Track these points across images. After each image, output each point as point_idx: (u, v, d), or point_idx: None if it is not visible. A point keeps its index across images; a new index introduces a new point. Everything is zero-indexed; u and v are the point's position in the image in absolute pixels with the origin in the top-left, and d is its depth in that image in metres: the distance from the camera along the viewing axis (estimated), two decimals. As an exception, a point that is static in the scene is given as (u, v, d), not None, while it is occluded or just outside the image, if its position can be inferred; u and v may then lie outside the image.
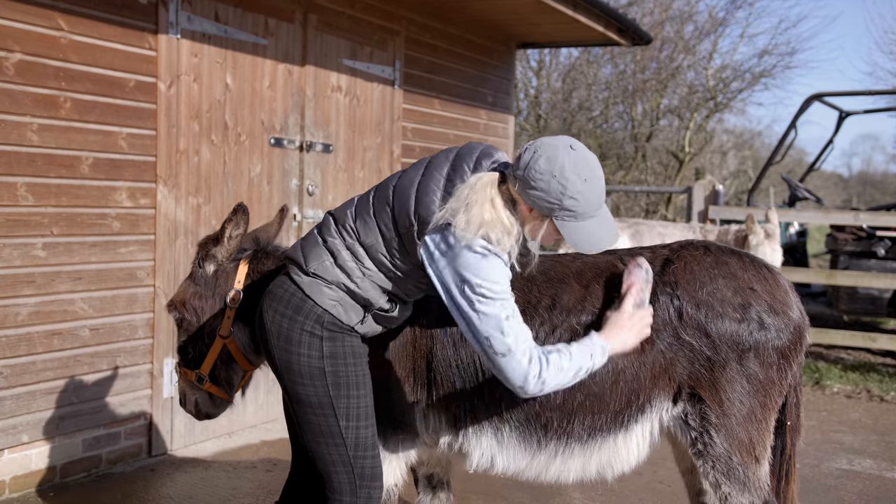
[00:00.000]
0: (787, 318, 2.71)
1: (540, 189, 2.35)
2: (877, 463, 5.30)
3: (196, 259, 3.06)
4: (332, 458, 2.57)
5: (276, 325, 2.57)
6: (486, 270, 2.37)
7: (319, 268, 2.55)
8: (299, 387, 2.56)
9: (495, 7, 6.76)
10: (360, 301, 2.56)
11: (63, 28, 4.32)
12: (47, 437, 4.41)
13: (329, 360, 2.54)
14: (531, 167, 2.36)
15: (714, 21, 19.71)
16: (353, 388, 2.57)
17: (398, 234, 2.50)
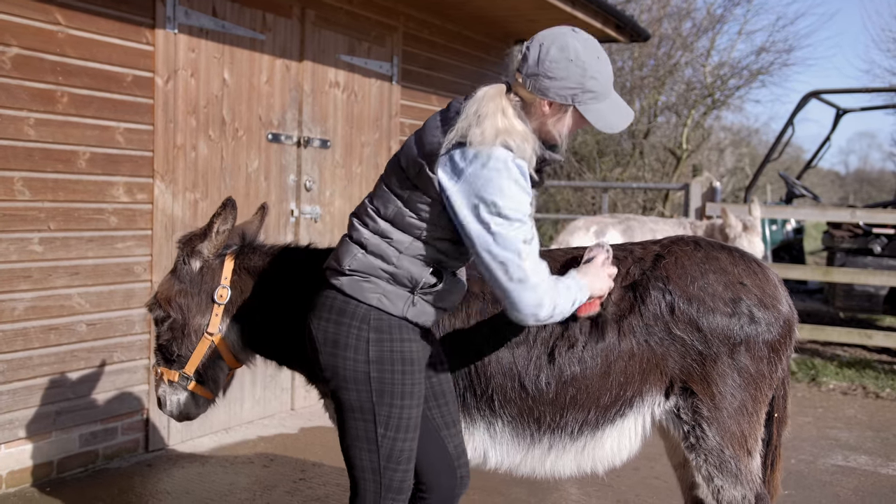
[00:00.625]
0: (776, 312, 2.75)
1: (559, 77, 2.32)
2: (872, 459, 5.31)
3: (181, 256, 3.00)
4: (363, 463, 2.49)
5: (321, 332, 2.50)
6: (505, 188, 2.28)
7: (354, 262, 2.47)
8: (343, 391, 2.48)
9: (494, 4, 6.76)
10: (403, 283, 2.45)
11: (60, 22, 4.32)
12: (44, 433, 4.41)
13: (375, 364, 2.45)
14: (544, 59, 2.32)
15: (712, 18, 19.71)
16: (398, 398, 2.46)
17: (413, 184, 2.41)
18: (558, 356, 2.67)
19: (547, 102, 2.37)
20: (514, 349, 2.69)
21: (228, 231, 2.97)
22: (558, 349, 2.68)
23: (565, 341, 2.70)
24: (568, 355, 2.68)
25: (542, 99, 2.37)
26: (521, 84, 2.38)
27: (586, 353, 2.68)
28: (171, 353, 2.97)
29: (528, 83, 2.36)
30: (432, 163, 2.36)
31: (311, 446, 5.20)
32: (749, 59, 20.70)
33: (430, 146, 2.38)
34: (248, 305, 2.96)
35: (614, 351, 2.68)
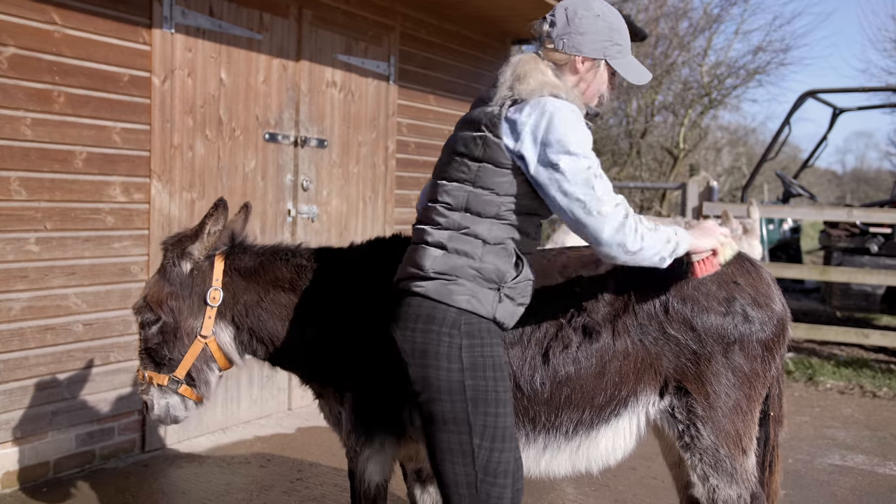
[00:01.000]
0: (770, 311, 2.75)
1: (590, 31, 2.46)
2: (869, 458, 5.32)
3: (170, 257, 2.95)
4: (458, 478, 2.38)
5: (409, 342, 2.41)
6: (566, 126, 2.31)
7: (437, 264, 2.40)
8: (436, 403, 2.38)
9: (492, 3, 6.75)
10: (490, 279, 2.40)
11: (57, 22, 4.31)
12: (40, 433, 4.40)
13: (469, 372, 2.36)
14: (573, 18, 2.47)
15: (709, 17, 19.74)
16: (493, 406, 2.37)
17: (480, 159, 2.41)
18: (553, 356, 2.67)
19: (581, 59, 2.49)
20: (509, 350, 2.69)
21: (220, 232, 2.94)
22: (553, 349, 2.68)
23: (560, 342, 2.70)
24: (562, 355, 2.68)
25: (575, 57, 2.48)
26: (553, 49, 2.49)
27: (581, 353, 2.68)
28: (162, 357, 2.92)
29: (560, 44, 2.48)
30: (495, 128, 2.39)
31: (309, 446, 5.20)
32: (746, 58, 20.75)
33: (486, 117, 2.42)
34: (243, 307, 2.95)
35: (609, 351, 2.69)
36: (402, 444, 2.93)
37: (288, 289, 2.96)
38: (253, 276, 2.98)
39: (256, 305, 2.95)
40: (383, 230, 6.57)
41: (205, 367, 2.96)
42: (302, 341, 2.94)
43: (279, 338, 2.96)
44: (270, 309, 2.96)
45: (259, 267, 2.99)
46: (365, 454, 2.89)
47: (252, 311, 2.96)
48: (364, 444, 2.88)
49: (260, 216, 5.53)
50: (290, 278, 2.97)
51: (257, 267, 2.99)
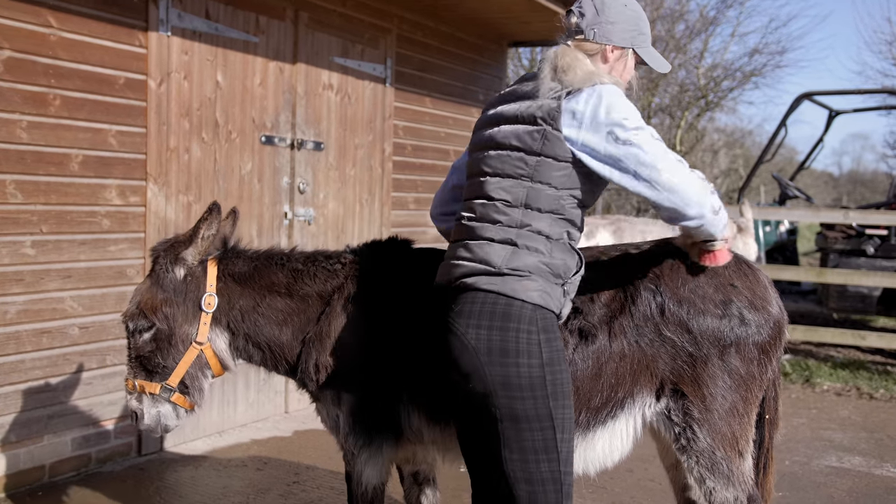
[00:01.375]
0: (766, 314, 2.75)
1: (620, 21, 2.51)
2: (866, 460, 5.32)
3: (163, 263, 2.92)
4: (543, 475, 2.33)
5: (483, 342, 2.33)
6: (624, 104, 2.37)
7: (512, 260, 2.36)
8: (517, 401, 2.31)
9: (487, 5, 6.76)
10: (557, 275, 2.40)
11: (52, 25, 4.30)
12: (36, 436, 4.39)
13: (548, 367, 2.34)
14: (602, 9, 2.51)
15: (705, 20, 19.77)
16: (566, 398, 2.37)
17: (538, 154, 2.39)
18: None
19: (611, 48, 2.53)
20: None
21: (213, 236, 2.92)
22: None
23: None
24: None
25: (606, 46, 2.52)
26: (583, 39, 2.52)
27: (577, 354, 2.67)
28: (154, 365, 2.89)
29: (591, 34, 2.51)
30: (554, 121, 2.38)
31: (305, 449, 5.19)
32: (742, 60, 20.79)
33: (542, 110, 2.40)
34: (238, 312, 2.95)
35: (605, 352, 2.68)
36: (400, 446, 2.93)
37: (284, 293, 2.96)
38: (248, 281, 2.96)
39: (253, 310, 2.95)
40: (380, 233, 6.57)
41: (199, 374, 2.93)
42: (300, 345, 2.94)
43: (276, 342, 2.95)
44: (267, 314, 2.95)
45: (254, 272, 2.98)
46: (363, 457, 2.88)
47: (248, 317, 2.95)
48: (362, 447, 2.88)
49: (256, 219, 5.52)
50: (286, 283, 2.96)
51: (252, 272, 2.98)
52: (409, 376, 2.81)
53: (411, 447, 2.98)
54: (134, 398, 2.92)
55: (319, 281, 2.95)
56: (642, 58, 2.58)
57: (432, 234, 7.25)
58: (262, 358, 3.01)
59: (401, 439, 2.90)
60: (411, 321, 2.82)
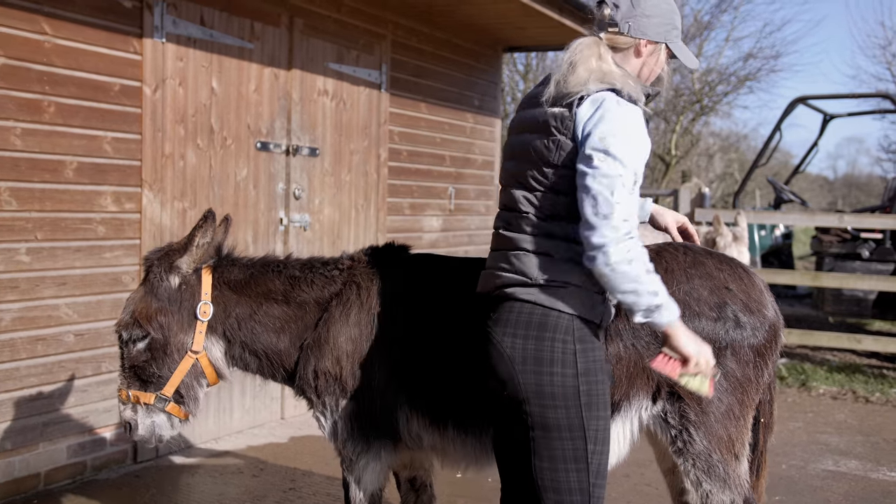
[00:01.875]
0: (762, 317, 2.76)
1: (656, 14, 2.45)
2: (862, 464, 5.32)
3: (157, 272, 2.90)
4: (571, 485, 2.33)
5: (519, 350, 2.34)
6: (613, 126, 2.25)
7: (548, 271, 2.35)
8: (549, 410, 2.32)
9: (482, 11, 6.77)
10: (595, 283, 2.35)
11: (47, 32, 4.30)
12: (31, 444, 4.38)
13: (583, 377, 2.33)
14: (640, 2, 2.44)
15: (699, 25, 19.82)
16: (603, 409, 2.36)
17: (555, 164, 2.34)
18: None
19: (645, 42, 2.46)
20: None
21: (208, 244, 2.90)
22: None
23: None
24: None
25: (640, 40, 2.45)
26: (617, 32, 2.45)
27: None
28: (149, 375, 2.87)
29: (625, 27, 2.43)
30: (568, 130, 2.34)
31: (301, 455, 5.18)
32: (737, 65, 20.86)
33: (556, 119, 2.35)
34: (234, 320, 2.94)
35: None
36: (399, 451, 2.93)
37: (282, 301, 2.95)
38: (244, 289, 2.96)
39: (249, 318, 2.94)
40: (376, 238, 6.57)
41: (194, 383, 2.92)
42: (298, 352, 2.93)
43: (274, 349, 2.95)
44: (264, 321, 2.94)
45: (250, 279, 2.97)
46: (361, 462, 2.88)
47: (245, 324, 2.94)
48: (360, 453, 2.87)
49: (252, 225, 5.52)
50: (283, 290, 2.96)
51: (248, 279, 2.97)
52: (408, 382, 2.81)
53: (409, 453, 2.98)
54: (128, 409, 2.89)
55: (317, 287, 2.95)
56: (674, 52, 2.52)
57: (428, 240, 7.25)
58: (258, 366, 3.00)
59: (399, 445, 2.90)
60: (410, 326, 2.82)
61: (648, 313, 2.27)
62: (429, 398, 2.80)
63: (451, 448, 2.84)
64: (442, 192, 7.46)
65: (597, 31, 2.47)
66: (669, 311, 2.29)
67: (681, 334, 2.32)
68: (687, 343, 2.32)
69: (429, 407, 2.80)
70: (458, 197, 7.68)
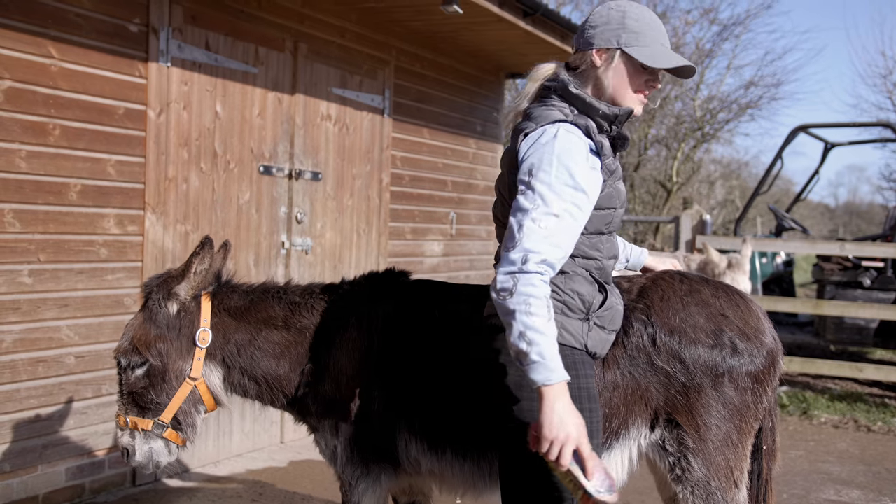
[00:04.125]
0: (759, 343, 2.75)
1: (601, 24, 2.38)
2: (864, 494, 5.29)
3: (156, 298, 2.91)
4: None
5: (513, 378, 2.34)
6: (544, 162, 2.20)
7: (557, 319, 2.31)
8: None
9: (484, 38, 6.82)
10: (577, 310, 2.38)
11: (53, 56, 4.34)
12: (30, 466, 4.36)
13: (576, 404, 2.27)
14: (588, 19, 2.43)
15: (701, 52, 19.94)
16: (593, 437, 2.32)
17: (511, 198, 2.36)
18: None
19: (595, 52, 2.39)
20: None
21: (206, 271, 2.91)
22: None
23: None
24: None
25: (589, 52, 2.40)
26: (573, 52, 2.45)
27: None
28: (147, 401, 2.87)
29: (576, 44, 2.44)
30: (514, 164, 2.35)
31: (301, 479, 5.16)
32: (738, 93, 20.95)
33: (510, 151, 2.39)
34: (234, 347, 2.94)
35: (598, 383, 2.68)
36: (398, 476, 2.92)
37: (282, 326, 2.96)
38: (244, 315, 2.96)
39: (249, 344, 2.94)
40: (377, 263, 6.58)
41: (192, 409, 2.92)
42: (298, 377, 2.93)
43: (273, 375, 2.95)
44: (264, 347, 2.94)
45: (250, 305, 2.98)
46: (360, 487, 2.87)
47: (244, 351, 2.94)
48: (360, 477, 2.87)
49: (254, 248, 5.53)
50: (283, 316, 2.96)
51: (248, 306, 2.97)
52: (408, 406, 2.81)
53: (408, 478, 2.97)
54: (126, 434, 2.90)
55: (317, 313, 2.95)
56: (633, 56, 2.35)
57: (429, 265, 7.26)
58: (258, 392, 3.00)
59: (398, 469, 2.90)
60: (410, 352, 2.82)
61: (519, 357, 2.10)
62: (427, 423, 2.80)
63: (449, 473, 2.83)
64: (444, 217, 7.48)
65: None
66: (544, 370, 2.06)
67: (548, 404, 2.05)
68: (549, 417, 2.04)
69: (427, 432, 2.80)
70: (459, 222, 7.70)
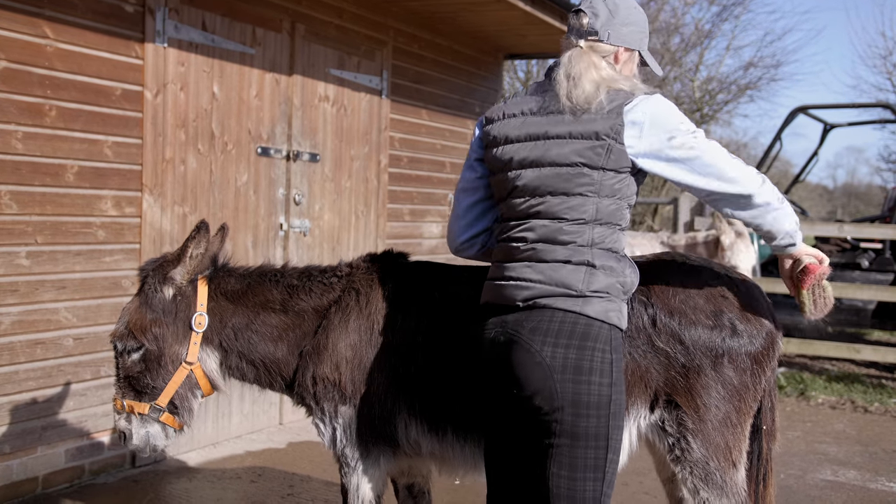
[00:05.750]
0: (759, 325, 2.76)
1: (633, 23, 2.52)
2: (861, 474, 5.32)
3: (152, 283, 2.90)
4: (587, 494, 2.34)
5: (559, 360, 2.33)
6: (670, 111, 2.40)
7: (594, 282, 2.38)
8: (582, 419, 2.32)
9: (483, 18, 6.78)
10: (627, 292, 2.46)
11: (49, 36, 4.31)
12: (29, 448, 4.37)
13: (615, 387, 2.36)
14: (617, 12, 2.49)
15: (700, 33, 19.86)
16: (622, 419, 2.40)
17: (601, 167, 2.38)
18: None
19: (623, 49, 2.52)
20: None
21: (202, 255, 2.89)
22: None
23: None
24: None
25: (619, 48, 2.51)
26: (597, 40, 2.49)
27: None
28: (143, 385, 2.87)
29: (605, 35, 2.48)
30: (619, 135, 2.37)
31: (300, 461, 5.18)
32: (737, 74, 20.88)
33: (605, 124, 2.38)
34: (231, 331, 2.94)
35: None
36: (398, 458, 2.93)
37: (280, 310, 2.95)
38: (241, 299, 2.95)
39: (246, 328, 2.94)
40: (375, 245, 6.57)
41: (189, 394, 2.92)
42: (296, 359, 2.93)
43: (271, 358, 2.95)
44: (261, 330, 2.94)
45: (247, 289, 2.97)
46: (360, 469, 2.88)
47: (242, 334, 2.94)
48: (359, 459, 2.87)
49: (252, 230, 5.52)
50: (281, 299, 2.95)
51: (245, 289, 2.96)
52: (407, 388, 2.82)
53: (408, 460, 2.97)
54: (123, 418, 2.90)
55: (315, 295, 2.95)
56: (645, 60, 2.60)
57: (427, 246, 7.26)
58: (256, 375, 3.00)
59: (398, 451, 2.90)
60: (409, 333, 2.82)
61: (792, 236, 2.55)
62: (428, 404, 2.80)
63: (450, 454, 2.84)
64: (442, 198, 7.47)
65: (575, 40, 2.51)
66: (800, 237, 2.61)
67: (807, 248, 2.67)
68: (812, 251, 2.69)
69: (428, 413, 2.80)
70: (458, 203, 7.68)
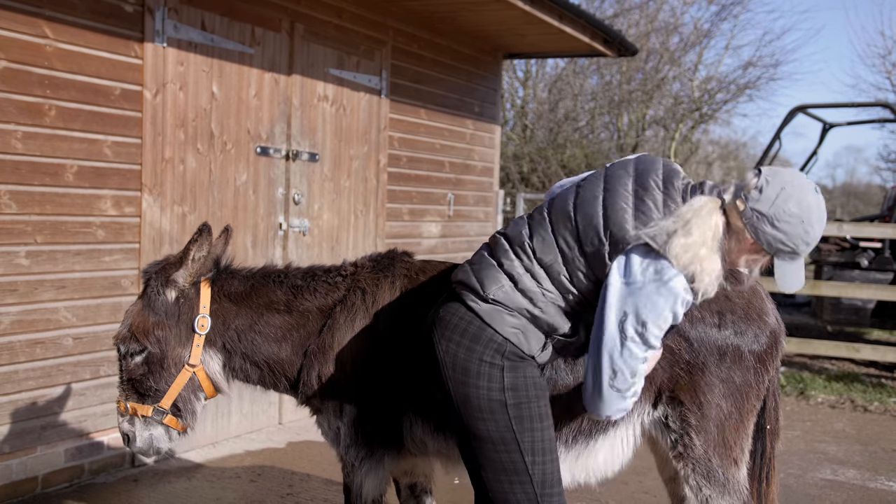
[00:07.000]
0: (762, 324, 2.77)
1: (784, 231, 2.27)
2: (860, 473, 5.32)
3: (154, 286, 2.89)
4: (518, 497, 2.39)
5: (450, 356, 2.40)
6: (662, 315, 2.28)
7: (499, 293, 2.39)
8: (479, 422, 2.39)
9: (482, 18, 6.78)
10: (542, 327, 2.42)
11: (48, 36, 4.31)
12: (29, 447, 4.37)
13: (511, 392, 2.37)
14: (780, 207, 2.25)
15: (699, 33, 19.87)
16: (538, 421, 2.41)
17: (582, 252, 2.36)
18: (551, 367, 2.67)
19: (752, 238, 2.32)
20: None
21: (205, 258, 2.89)
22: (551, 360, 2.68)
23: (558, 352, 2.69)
24: (560, 365, 2.68)
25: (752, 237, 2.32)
26: (740, 211, 2.31)
27: (579, 363, 2.68)
28: (146, 388, 2.87)
29: (749, 216, 2.29)
30: (615, 247, 2.31)
31: (299, 460, 5.18)
32: (736, 73, 20.89)
33: (618, 230, 2.32)
34: (234, 332, 2.93)
35: None
36: (402, 457, 2.93)
37: (284, 310, 2.94)
38: (244, 301, 2.95)
39: (250, 329, 2.93)
40: (375, 244, 6.57)
41: (192, 396, 2.91)
42: (301, 359, 2.93)
43: (276, 359, 2.94)
44: (265, 332, 2.93)
45: (251, 290, 2.96)
46: (363, 468, 2.87)
47: (245, 336, 2.93)
48: (363, 459, 2.87)
49: (251, 230, 5.52)
50: (285, 300, 2.95)
51: (249, 291, 2.96)
52: (413, 387, 2.81)
53: (412, 459, 2.98)
54: (126, 420, 2.90)
55: (320, 295, 2.94)
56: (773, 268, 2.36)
57: (427, 246, 7.26)
58: (259, 376, 2.99)
59: (402, 451, 2.90)
60: (414, 332, 2.82)
61: None
62: (434, 403, 2.80)
63: (457, 453, 2.84)
64: (441, 198, 7.47)
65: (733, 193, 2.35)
66: None
67: None
68: None
69: (434, 413, 2.80)
70: (457, 203, 7.69)
